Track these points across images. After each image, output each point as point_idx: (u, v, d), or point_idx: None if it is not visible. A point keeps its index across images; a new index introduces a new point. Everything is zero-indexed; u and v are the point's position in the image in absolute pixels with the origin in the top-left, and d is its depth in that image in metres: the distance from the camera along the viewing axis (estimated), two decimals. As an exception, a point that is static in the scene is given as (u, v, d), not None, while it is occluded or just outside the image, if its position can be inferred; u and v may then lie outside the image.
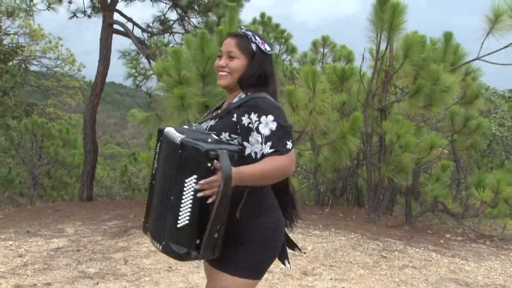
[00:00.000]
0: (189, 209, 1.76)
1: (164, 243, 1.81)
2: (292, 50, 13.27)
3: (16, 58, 12.89)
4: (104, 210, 8.27)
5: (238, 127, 1.92)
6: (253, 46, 2.01)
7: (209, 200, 1.74)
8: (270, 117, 1.86)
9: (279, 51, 13.25)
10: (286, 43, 13.10)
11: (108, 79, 11.86)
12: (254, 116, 1.88)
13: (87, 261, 4.67)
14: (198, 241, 1.77)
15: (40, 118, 14.39)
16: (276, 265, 4.53)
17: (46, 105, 15.14)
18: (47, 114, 16.12)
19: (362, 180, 8.63)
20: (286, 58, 13.58)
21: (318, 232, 6.00)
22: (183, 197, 1.77)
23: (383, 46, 7.20)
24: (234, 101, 2.02)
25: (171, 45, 11.11)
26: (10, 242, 5.33)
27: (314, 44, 13.20)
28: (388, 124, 7.16)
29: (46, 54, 18.67)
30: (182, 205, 1.77)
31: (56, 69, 19.23)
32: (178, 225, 1.76)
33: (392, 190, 8.46)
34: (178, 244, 1.78)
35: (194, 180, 1.75)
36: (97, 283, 4.04)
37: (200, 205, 1.75)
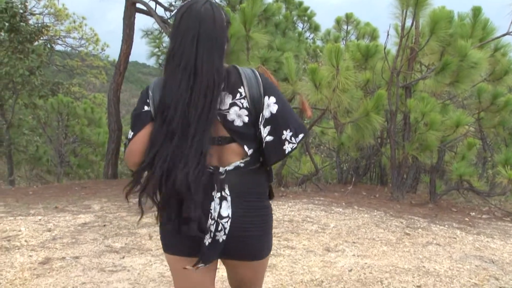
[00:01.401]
0: None
1: None
2: (315, 28, 13.08)
3: (41, 38, 13.03)
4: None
5: None
6: None
7: None
8: None
9: (302, 29, 13.08)
10: (309, 21, 12.92)
11: (131, 58, 11.93)
12: None
13: (113, 236, 4.76)
14: None
15: (66, 97, 14.59)
16: (298, 241, 4.56)
17: (71, 84, 15.30)
18: (72, 93, 16.33)
19: (386, 159, 8.56)
20: (309, 36, 13.42)
21: (341, 209, 5.99)
22: None
23: (408, 22, 7.07)
24: None
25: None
26: (40, 217, 5.46)
27: (338, 21, 13.02)
28: (413, 102, 7.06)
29: (71, 34, 18.86)
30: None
31: (80, 49, 19.43)
32: None
33: (416, 168, 8.37)
34: None
35: None
36: (123, 257, 4.12)
37: None
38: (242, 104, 1.75)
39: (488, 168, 9.34)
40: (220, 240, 1.73)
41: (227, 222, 1.72)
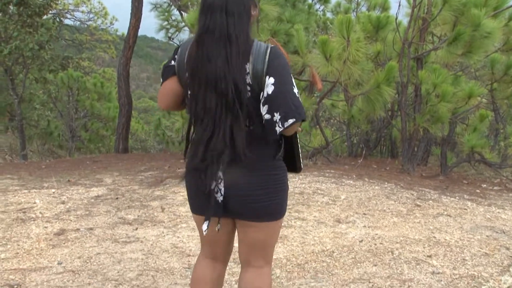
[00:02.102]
0: None
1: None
2: (325, 0, 12.88)
3: (50, 12, 12.97)
4: (139, 162, 8.46)
5: None
6: None
7: None
8: None
9: (312, 0, 12.88)
10: (319, -8, 12.70)
11: (140, 32, 11.86)
12: None
13: (125, 208, 4.82)
14: None
15: (76, 72, 14.60)
16: (309, 213, 4.59)
17: (80, 58, 15.29)
18: (82, 68, 16.33)
19: (397, 131, 8.52)
20: (319, 8, 13.20)
21: (351, 181, 6.01)
22: None
23: (421, -8, 6.94)
24: None
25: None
26: (53, 190, 5.53)
27: (348, -8, 12.79)
28: (424, 74, 6.98)
29: (79, 8, 18.76)
30: None
31: (89, 23, 19.34)
32: None
33: (427, 141, 8.33)
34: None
35: None
36: (136, 229, 4.18)
37: None
38: (245, 79, 1.84)
39: (500, 140, 9.27)
40: (219, 200, 1.92)
41: (221, 183, 1.90)
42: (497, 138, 9.23)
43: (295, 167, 2.08)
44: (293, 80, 1.86)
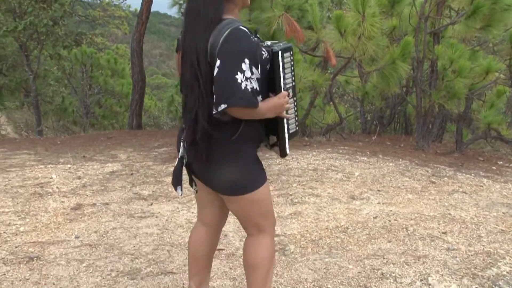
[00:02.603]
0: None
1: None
2: (340, -26, 12.64)
3: (63, -13, 12.93)
4: (153, 138, 8.50)
5: None
6: None
7: None
8: None
9: (327, -25, 12.65)
10: (334, -34, 12.47)
11: (152, 8, 11.77)
12: None
13: (140, 184, 4.86)
14: None
15: (89, 48, 14.60)
16: (323, 190, 4.59)
17: (94, 35, 15.28)
18: (95, 44, 16.32)
19: (411, 108, 8.43)
20: (334, -18, 12.98)
21: (365, 158, 5.98)
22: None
23: (439, -36, 6.79)
24: None
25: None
26: (69, 166, 5.59)
27: (364, -34, 12.55)
28: (441, 49, 6.87)
29: (92, -18, 18.65)
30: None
31: (101, -2, 19.24)
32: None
33: (443, 117, 8.24)
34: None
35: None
36: (151, 204, 4.22)
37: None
38: (207, 54, 1.91)
39: (517, 117, 9.15)
40: (185, 163, 2.13)
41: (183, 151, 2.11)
42: (514, 114, 9.10)
43: (280, 152, 2.13)
44: (244, 65, 1.82)
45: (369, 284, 2.81)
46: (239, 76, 1.80)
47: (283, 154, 2.11)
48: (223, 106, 1.81)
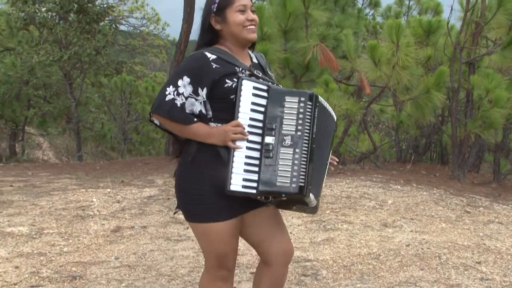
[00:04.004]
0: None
1: (318, 198, 2.11)
2: (375, 4, 12.76)
3: (107, 18, 13.52)
4: (190, 164, 8.67)
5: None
6: None
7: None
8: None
9: (362, 5, 12.81)
10: (369, -4, 12.64)
11: (190, 37, 12.14)
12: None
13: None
14: None
15: (128, 76, 15.11)
16: (356, 217, 4.63)
17: (134, 63, 15.82)
18: (135, 72, 16.87)
19: (447, 137, 8.38)
20: (369, 12, 13.11)
21: (399, 186, 5.98)
22: (327, 161, 2.21)
23: (474, -4, 6.85)
24: (254, 59, 2.16)
25: (252, 1, 11.13)
26: (108, 190, 5.80)
27: (399, -4, 12.67)
28: (476, 78, 6.86)
29: (133, 14, 19.35)
30: (326, 167, 2.22)
31: (142, 28, 19.91)
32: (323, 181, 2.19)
33: (479, 147, 8.16)
34: (316, 197, 2.08)
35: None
36: (187, 228, 4.33)
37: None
38: None
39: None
40: None
41: None
42: (555, 145, 8.91)
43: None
44: (181, 82, 1.92)
45: (401, 311, 2.84)
46: (169, 89, 1.92)
47: (227, 187, 1.91)
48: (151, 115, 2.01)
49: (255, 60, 2.14)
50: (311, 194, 1.98)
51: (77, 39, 11.18)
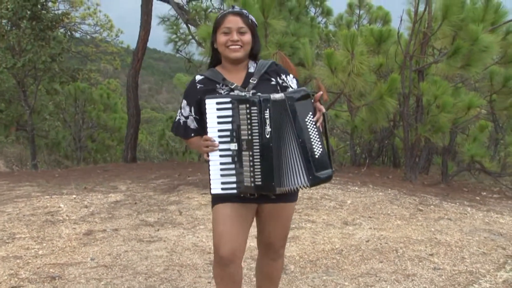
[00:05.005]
0: (318, 139, 2.16)
1: (311, 177, 2.15)
2: (327, 13, 13.16)
3: (61, 25, 13.36)
4: (149, 171, 8.76)
5: (278, 87, 2.34)
6: (251, 22, 2.34)
7: (318, 123, 2.19)
8: (291, 76, 2.40)
9: (314, 13, 13.19)
10: (321, 5, 13.03)
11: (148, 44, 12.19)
12: (284, 77, 2.37)
13: (145, 212, 5.12)
14: (330, 160, 2.20)
15: (82, 84, 14.94)
16: (318, 216, 4.89)
17: (90, 70, 15.66)
18: (89, 79, 16.66)
19: (399, 141, 8.81)
20: (322, 20, 13.50)
21: (356, 188, 6.31)
22: (310, 133, 2.15)
23: (421, 7, 7.28)
24: (251, 69, 2.39)
25: (209, 10, 11.32)
26: (74, 196, 5.83)
27: (350, 5, 13.09)
28: (425, 85, 7.28)
29: (85, 20, 19.11)
30: (312, 140, 2.15)
31: (94, 35, 19.68)
32: (317, 156, 2.15)
33: (429, 150, 8.63)
34: (322, 169, 2.16)
35: (311, 116, 2.17)
36: (158, 230, 4.48)
37: (319, 132, 2.19)
38: None
39: (499, 150, 9.56)
40: None
41: None
42: (497, 147, 9.52)
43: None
44: (182, 104, 2.38)
45: (365, 299, 3.09)
46: (178, 112, 2.40)
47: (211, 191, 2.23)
48: None
49: (251, 70, 2.37)
50: (277, 188, 2.16)
51: (31, 46, 11.01)
